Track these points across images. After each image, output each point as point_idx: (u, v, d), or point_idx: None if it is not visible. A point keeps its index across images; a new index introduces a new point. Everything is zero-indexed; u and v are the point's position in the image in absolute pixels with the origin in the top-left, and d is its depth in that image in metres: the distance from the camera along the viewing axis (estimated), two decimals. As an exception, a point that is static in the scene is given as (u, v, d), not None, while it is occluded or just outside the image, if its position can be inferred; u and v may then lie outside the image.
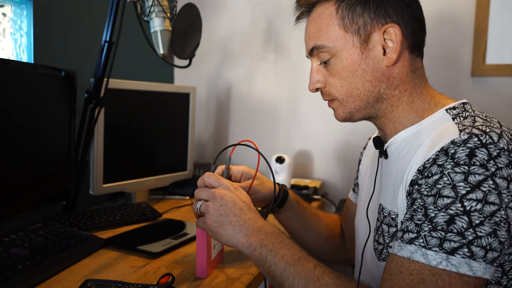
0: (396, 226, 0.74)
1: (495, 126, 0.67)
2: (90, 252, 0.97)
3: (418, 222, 0.64)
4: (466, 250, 0.60)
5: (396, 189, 0.74)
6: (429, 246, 0.61)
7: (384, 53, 0.75)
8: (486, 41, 1.50)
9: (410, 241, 0.63)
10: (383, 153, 0.81)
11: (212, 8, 1.88)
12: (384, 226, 0.77)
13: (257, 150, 0.85)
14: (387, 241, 0.76)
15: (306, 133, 1.79)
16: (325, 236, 1.07)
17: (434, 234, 0.61)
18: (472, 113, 0.73)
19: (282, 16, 1.78)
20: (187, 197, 1.54)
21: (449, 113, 0.74)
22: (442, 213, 0.62)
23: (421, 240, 0.62)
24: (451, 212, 0.61)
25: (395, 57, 0.75)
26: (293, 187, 1.58)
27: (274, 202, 0.98)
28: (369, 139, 1.04)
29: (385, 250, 0.77)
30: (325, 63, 0.80)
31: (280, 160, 1.55)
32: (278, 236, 0.76)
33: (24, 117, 1.02)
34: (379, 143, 0.82)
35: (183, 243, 1.04)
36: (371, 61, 0.76)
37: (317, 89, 0.83)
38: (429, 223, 0.62)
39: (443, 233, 0.61)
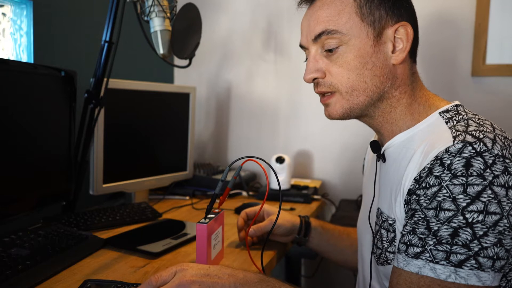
0: (394, 231, 0.74)
1: (488, 130, 0.66)
2: (90, 252, 0.97)
3: (421, 236, 0.64)
4: (473, 261, 0.60)
5: (393, 195, 0.74)
6: (436, 260, 0.61)
7: (393, 51, 0.75)
8: (486, 41, 1.50)
9: (416, 256, 0.63)
10: (381, 157, 0.81)
11: (212, 8, 1.88)
12: (383, 231, 0.77)
13: (274, 171, 0.85)
14: (385, 245, 0.76)
15: (306, 133, 1.79)
16: None
17: (439, 247, 0.62)
18: (465, 116, 0.72)
19: (282, 16, 1.78)
20: (187, 197, 1.54)
21: (442, 117, 0.73)
22: (445, 226, 0.62)
23: (428, 254, 0.62)
24: (454, 225, 0.61)
25: (403, 56, 0.75)
26: (293, 187, 1.58)
27: (298, 234, 1.04)
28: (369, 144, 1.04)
29: (383, 255, 0.77)
30: (329, 51, 0.76)
31: (280, 160, 1.55)
32: (264, 281, 0.71)
33: (24, 117, 1.02)
34: (376, 147, 0.82)
35: (183, 243, 1.04)
36: (381, 56, 0.75)
37: (314, 79, 0.79)
38: (433, 237, 0.62)
39: (448, 246, 0.61)
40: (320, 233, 1.05)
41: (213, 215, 0.87)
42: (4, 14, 1.19)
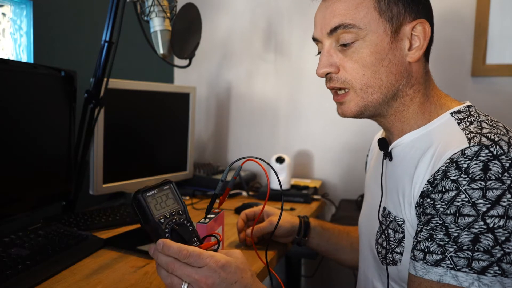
0: (402, 232, 0.73)
1: (502, 132, 0.66)
2: (90, 252, 0.96)
3: (440, 242, 0.63)
4: (496, 268, 0.59)
5: (401, 195, 0.74)
6: (458, 267, 0.60)
7: (409, 48, 0.74)
8: (486, 41, 1.50)
9: (436, 263, 0.62)
10: (388, 155, 0.80)
11: (212, 8, 1.88)
12: (390, 231, 0.76)
13: (275, 171, 0.83)
14: (392, 246, 0.76)
15: (306, 133, 1.79)
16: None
17: (460, 254, 0.61)
18: (477, 117, 0.71)
19: (282, 16, 1.78)
20: (187, 197, 1.54)
21: (454, 117, 0.72)
22: (466, 232, 0.61)
23: (448, 262, 0.61)
24: (475, 230, 0.60)
25: (420, 54, 0.74)
26: (293, 187, 1.58)
27: (297, 234, 1.04)
28: (373, 140, 1.03)
29: (389, 255, 0.76)
30: (344, 46, 0.73)
31: (280, 160, 1.55)
32: None
33: (24, 117, 1.02)
34: (384, 144, 0.80)
35: (183, 243, 1.04)
36: (398, 53, 0.73)
37: (327, 74, 0.76)
38: (454, 243, 0.61)
39: (470, 253, 0.60)
40: (319, 233, 1.05)
41: (213, 215, 0.87)
42: (4, 14, 1.19)
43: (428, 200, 0.66)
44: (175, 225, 0.66)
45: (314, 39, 0.79)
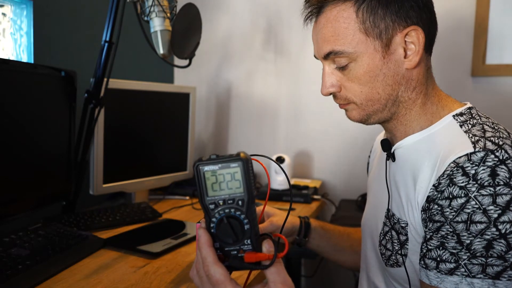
0: (406, 234, 0.74)
1: (504, 135, 0.66)
2: (90, 252, 0.97)
3: (453, 250, 0.63)
4: (510, 272, 0.60)
5: (405, 197, 0.74)
6: (472, 274, 0.61)
7: (405, 55, 0.74)
8: (486, 41, 1.50)
9: (451, 272, 0.63)
10: (391, 156, 0.80)
11: (212, 8, 1.88)
12: (394, 233, 0.77)
13: (282, 168, 0.80)
14: (396, 248, 0.76)
15: (306, 133, 1.79)
16: (360, 250, 1.06)
17: (474, 261, 0.61)
18: (479, 120, 0.72)
19: (282, 16, 1.78)
20: (187, 197, 1.54)
21: (457, 120, 0.73)
22: (479, 239, 0.61)
23: (463, 270, 0.62)
24: (487, 237, 0.61)
25: (417, 60, 0.73)
26: (293, 187, 1.58)
27: (298, 235, 1.01)
28: (375, 141, 1.02)
29: (393, 257, 0.76)
30: (341, 68, 0.76)
31: (280, 160, 1.55)
32: None
33: (24, 117, 1.02)
34: (387, 145, 0.81)
35: (183, 243, 1.04)
36: (392, 65, 0.74)
37: (330, 93, 0.79)
38: (467, 251, 0.62)
39: (483, 259, 0.61)
40: (320, 234, 1.05)
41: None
42: (4, 14, 1.19)
43: (436, 206, 0.66)
44: (227, 216, 0.55)
45: (316, 58, 0.82)
